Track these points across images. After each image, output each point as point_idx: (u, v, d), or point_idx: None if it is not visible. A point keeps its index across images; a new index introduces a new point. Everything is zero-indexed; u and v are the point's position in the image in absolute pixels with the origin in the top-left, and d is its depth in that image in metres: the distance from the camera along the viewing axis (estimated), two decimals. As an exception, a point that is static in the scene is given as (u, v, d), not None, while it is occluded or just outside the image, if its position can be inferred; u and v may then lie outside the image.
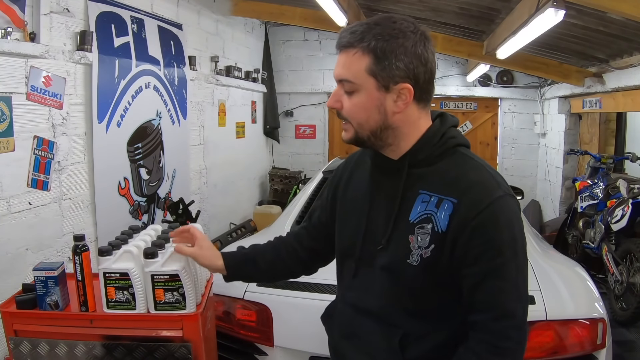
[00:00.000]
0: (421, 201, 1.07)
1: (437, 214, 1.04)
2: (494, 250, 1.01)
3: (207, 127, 4.58)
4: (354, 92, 1.06)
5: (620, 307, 3.54)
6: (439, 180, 1.07)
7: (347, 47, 1.05)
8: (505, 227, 1.02)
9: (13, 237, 2.42)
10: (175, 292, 1.54)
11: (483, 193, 1.03)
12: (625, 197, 3.68)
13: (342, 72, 1.06)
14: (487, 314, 1.00)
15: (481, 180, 1.05)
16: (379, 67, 1.03)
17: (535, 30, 2.94)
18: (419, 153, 1.10)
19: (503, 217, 1.02)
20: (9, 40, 2.30)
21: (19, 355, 1.56)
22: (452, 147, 1.10)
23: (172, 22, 3.87)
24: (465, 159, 1.09)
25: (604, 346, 1.87)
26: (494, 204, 1.02)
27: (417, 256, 1.05)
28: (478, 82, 6.25)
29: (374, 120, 1.07)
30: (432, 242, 1.04)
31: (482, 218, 1.01)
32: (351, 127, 1.10)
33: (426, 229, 1.05)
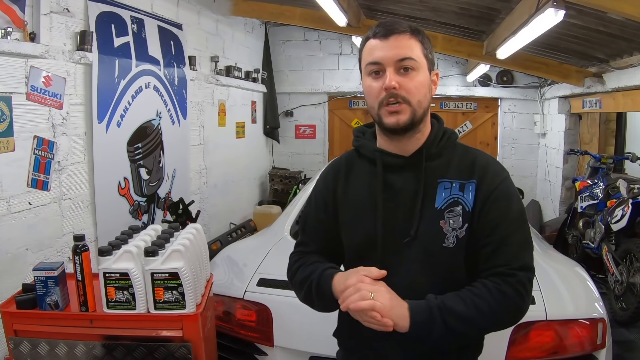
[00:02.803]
0: (443, 188, 1.17)
1: (464, 195, 1.16)
2: (510, 219, 1.15)
3: (207, 127, 4.58)
4: (414, 71, 1.15)
5: (620, 307, 3.53)
6: (455, 169, 1.19)
7: (401, 32, 1.15)
8: (516, 199, 1.19)
9: (13, 237, 2.42)
10: (174, 290, 1.55)
11: (496, 173, 1.19)
12: (625, 197, 3.68)
13: (406, 52, 1.14)
14: (511, 265, 1.11)
15: (492, 163, 1.22)
16: (427, 51, 1.18)
17: (535, 30, 2.94)
18: (431, 147, 1.21)
19: (513, 191, 1.20)
20: (9, 40, 2.30)
21: (19, 355, 1.56)
22: (454, 141, 1.25)
23: (172, 22, 3.87)
24: (467, 149, 1.25)
25: (604, 346, 1.87)
26: (505, 181, 1.19)
27: (453, 238, 1.15)
28: (478, 82, 6.25)
29: (427, 100, 1.18)
30: (465, 222, 1.15)
31: (498, 193, 1.16)
32: (408, 107, 1.15)
33: (456, 212, 1.15)
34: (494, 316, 1.10)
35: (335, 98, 6.57)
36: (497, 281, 1.10)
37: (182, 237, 1.70)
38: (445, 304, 1.08)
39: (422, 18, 4.17)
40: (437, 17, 4.12)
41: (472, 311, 1.08)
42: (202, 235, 1.82)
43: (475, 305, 1.08)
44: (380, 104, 1.15)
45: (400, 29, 1.15)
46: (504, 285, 1.10)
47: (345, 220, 1.27)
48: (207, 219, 4.62)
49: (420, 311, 1.08)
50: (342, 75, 6.44)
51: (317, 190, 1.35)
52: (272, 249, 2.37)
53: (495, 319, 1.11)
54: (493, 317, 1.10)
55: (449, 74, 6.30)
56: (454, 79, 6.32)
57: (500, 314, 1.11)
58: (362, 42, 1.22)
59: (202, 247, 1.80)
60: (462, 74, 6.27)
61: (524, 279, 1.11)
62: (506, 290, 1.09)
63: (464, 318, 1.08)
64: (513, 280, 1.10)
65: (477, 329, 1.13)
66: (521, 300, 1.11)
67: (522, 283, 1.11)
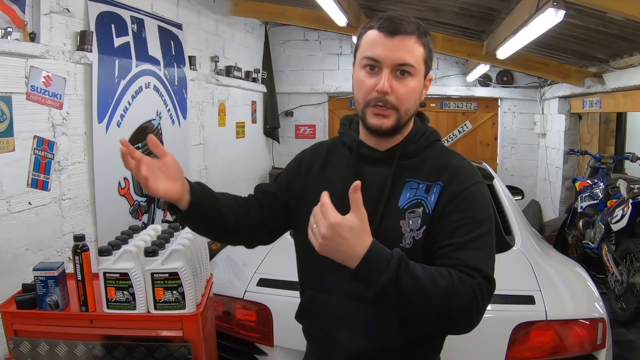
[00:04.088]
0: (409, 188, 1.15)
1: (427, 198, 1.13)
2: (474, 224, 1.09)
3: (207, 127, 4.58)
4: (410, 76, 1.11)
5: (620, 307, 3.54)
6: (426, 169, 1.16)
7: (409, 33, 1.10)
8: (483, 206, 1.13)
9: (13, 237, 2.42)
10: (174, 290, 1.54)
11: (467, 176, 1.15)
12: (625, 197, 3.68)
13: (407, 57, 1.10)
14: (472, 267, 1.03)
15: (464, 165, 1.18)
16: (428, 58, 1.14)
17: (535, 31, 2.94)
18: (408, 146, 1.18)
19: (482, 198, 1.14)
20: (9, 40, 2.30)
21: (19, 355, 1.56)
22: (433, 142, 1.21)
23: (172, 22, 3.87)
24: (445, 150, 1.22)
25: (604, 346, 1.87)
26: (474, 186, 1.14)
27: (410, 239, 1.12)
28: (478, 82, 6.25)
29: (415, 106, 1.16)
30: (423, 224, 1.12)
31: (464, 196, 1.12)
32: (395, 113, 1.11)
33: (417, 213, 1.12)
34: (446, 297, 0.98)
35: (335, 98, 6.57)
36: (458, 274, 1.01)
37: (182, 237, 1.70)
38: (407, 261, 0.99)
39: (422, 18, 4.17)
40: (437, 17, 4.12)
41: (428, 280, 0.98)
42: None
43: (432, 277, 0.99)
44: (368, 103, 1.12)
45: (408, 29, 1.10)
46: (464, 278, 1.00)
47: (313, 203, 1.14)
48: (207, 219, 4.62)
49: (381, 251, 0.98)
50: (342, 75, 6.43)
51: (291, 164, 1.36)
52: (272, 249, 2.36)
53: (446, 301, 0.98)
54: (445, 298, 0.98)
55: (449, 74, 6.30)
56: (454, 79, 6.32)
57: (453, 300, 0.98)
58: (364, 29, 1.16)
59: (202, 247, 1.80)
60: (462, 74, 6.27)
61: (483, 284, 1.01)
62: (466, 281, 1.00)
63: (419, 282, 0.97)
64: (473, 282, 1.00)
65: (426, 301, 0.98)
66: (475, 303, 0.99)
67: (480, 287, 1.00)
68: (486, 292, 1.02)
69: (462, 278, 1.01)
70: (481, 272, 1.02)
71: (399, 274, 0.97)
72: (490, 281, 1.04)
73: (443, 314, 1.00)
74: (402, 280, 0.97)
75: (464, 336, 1.14)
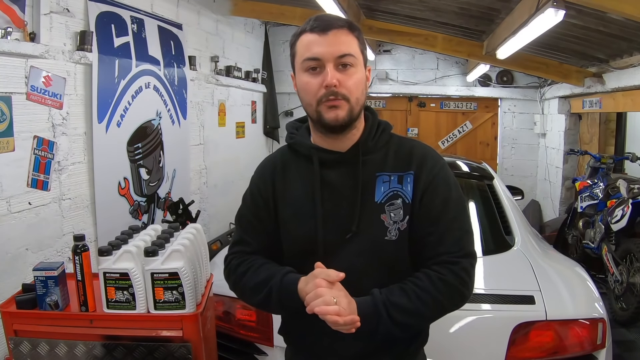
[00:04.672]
0: (382, 182, 1.17)
1: (403, 188, 1.16)
2: (450, 205, 1.16)
3: (207, 127, 4.58)
4: (352, 67, 1.14)
5: (620, 307, 3.54)
6: (392, 161, 1.19)
7: (340, 27, 1.14)
8: (455, 186, 1.19)
9: (13, 237, 2.42)
10: (174, 290, 1.54)
11: (433, 161, 1.19)
12: (625, 197, 3.68)
13: (345, 48, 1.13)
14: (454, 253, 1.13)
15: (428, 152, 1.22)
16: (362, 47, 1.17)
17: (535, 31, 2.94)
18: (368, 141, 1.20)
19: (451, 178, 1.20)
20: (9, 40, 2.30)
21: (19, 355, 1.56)
22: (390, 134, 1.24)
23: (172, 22, 3.87)
24: (402, 140, 1.25)
25: (604, 346, 1.88)
26: (442, 169, 1.19)
27: (395, 230, 1.15)
28: (478, 82, 6.25)
29: (364, 96, 1.17)
30: (405, 214, 1.15)
31: (437, 182, 1.16)
32: (346, 104, 1.13)
33: (397, 205, 1.15)
34: (437, 306, 1.12)
35: (335, 98, 6.56)
36: (440, 270, 1.12)
37: (182, 237, 1.70)
38: (389, 299, 1.09)
39: (422, 18, 4.17)
40: (437, 17, 4.12)
41: (415, 304, 1.09)
42: (202, 235, 1.82)
43: (418, 297, 1.09)
44: (319, 101, 1.12)
45: (338, 23, 1.14)
46: (447, 274, 1.11)
47: (284, 220, 1.22)
48: (207, 219, 4.62)
49: (367, 307, 1.09)
50: (342, 75, 6.42)
51: (255, 187, 1.30)
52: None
53: (439, 308, 1.14)
54: (436, 307, 1.13)
55: (449, 74, 6.30)
56: (454, 79, 6.32)
57: (444, 303, 1.13)
58: (295, 36, 1.20)
59: (202, 247, 1.80)
60: (462, 74, 6.27)
61: (467, 265, 1.13)
62: (449, 279, 1.11)
63: (409, 311, 1.09)
64: (456, 268, 1.12)
65: (422, 319, 1.16)
66: (464, 286, 1.13)
67: (465, 270, 1.13)
68: (471, 268, 1.14)
69: (445, 277, 1.11)
70: (463, 251, 1.14)
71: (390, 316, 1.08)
72: (472, 256, 1.15)
73: (442, 314, 1.16)
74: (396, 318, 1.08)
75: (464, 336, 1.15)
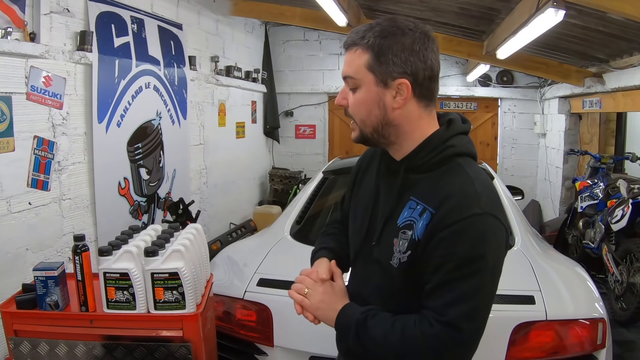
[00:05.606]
0: (409, 207, 1.10)
1: (418, 222, 1.07)
2: (454, 263, 1.01)
3: (207, 127, 4.58)
4: (357, 88, 1.11)
5: (620, 307, 3.53)
6: (427, 190, 1.08)
7: (351, 46, 1.10)
8: (472, 244, 1.01)
9: (13, 237, 2.42)
10: (174, 290, 1.54)
11: (458, 208, 1.02)
12: (625, 197, 3.68)
13: (346, 69, 1.12)
14: (436, 316, 1.02)
15: (462, 195, 1.04)
16: (377, 62, 1.07)
17: (535, 31, 2.94)
18: (416, 159, 1.11)
19: (472, 234, 1.01)
20: (9, 40, 2.30)
21: (19, 355, 1.56)
22: (451, 157, 1.10)
23: (172, 22, 3.87)
24: (458, 171, 1.08)
25: (604, 346, 1.87)
26: (466, 220, 1.01)
27: (397, 259, 1.10)
28: (478, 82, 6.25)
29: (375, 116, 1.10)
30: (408, 249, 1.07)
31: (450, 231, 1.01)
32: (355, 125, 1.14)
33: (407, 235, 1.08)
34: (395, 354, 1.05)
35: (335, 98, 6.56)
36: (417, 324, 1.03)
37: (182, 237, 1.69)
38: (366, 322, 1.09)
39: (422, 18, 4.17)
40: (437, 17, 4.12)
41: (381, 340, 1.06)
42: (202, 235, 1.82)
43: (386, 336, 1.06)
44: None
45: (352, 41, 1.10)
46: (419, 331, 1.02)
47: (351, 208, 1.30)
48: (207, 219, 4.62)
49: (344, 319, 1.12)
50: (342, 75, 6.43)
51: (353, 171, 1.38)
52: (272, 249, 2.37)
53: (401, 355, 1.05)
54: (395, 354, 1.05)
55: (449, 74, 6.30)
56: (454, 79, 6.32)
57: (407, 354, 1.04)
58: None
59: (202, 247, 1.80)
60: (462, 74, 6.27)
61: (443, 336, 1.00)
62: (419, 336, 1.02)
63: (375, 341, 1.07)
64: (430, 332, 1.01)
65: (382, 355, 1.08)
66: (433, 353, 1.02)
67: (438, 338, 1.00)
68: (448, 340, 1.00)
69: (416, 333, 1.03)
70: (445, 318, 1.00)
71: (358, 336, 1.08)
72: (455, 328, 0.99)
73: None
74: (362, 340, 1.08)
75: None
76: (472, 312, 1.01)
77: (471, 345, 1.04)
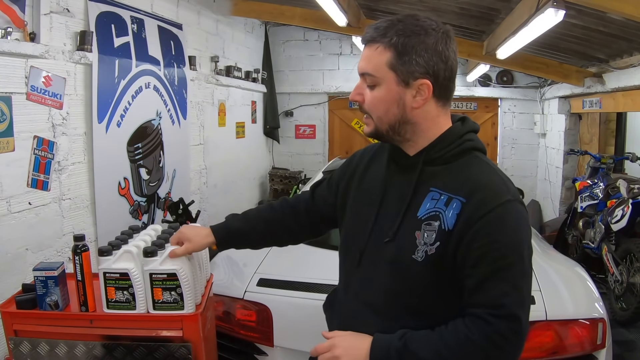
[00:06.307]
0: (431, 198, 1.08)
1: (446, 212, 1.05)
2: (499, 251, 1.01)
3: (207, 127, 4.58)
4: (375, 86, 1.09)
5: (620, 307, 3.54)
6: (450, 180, 1.08)
7: (371, 42, 1.09)
8: (512, 230, 1.03)
9: (13, 237, 2.42)
10: (173, 291, 1.54)
11: (492, 195, 1.04)
12: (625, 197, 3.68)
13: (364, 66, 1.10)
14: (491, 310, 1.00)
15: (492, 183, 1.06)
16: (400, 61, 1.06)
17: (535, 31, 2.94)
18: (434, 151, 1.11)
19: (510, 220, 1.03)
20: (9, 40, 2.30)
21: (19, 355, 1.56)
22: (468, 150, 1.12)
23: (172, 22, 3.87)
24: (479, 162, 1.11)
25: (604, 346, 1.88)
26: (502, 207, 1.03)
27: (422, 252, 1.06)
28: (478, 82, 6.25)
29: (393, 114, 1.10)
30: (437, 240, 1.05)
31: (489, 219, 1.02)
32: (372, 120, 1.13)
33: (433, 226, 1.06)
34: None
35: (335, 98, 6.57)
36: (471, 327, 1.00)
37: (182, 237, 1.69)
38: (407, 347, 1.02)
39: (422, 18, 4.16)
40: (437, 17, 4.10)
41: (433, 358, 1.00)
42: (202, 235, 1.82)
43: (438, 352, 1.00)
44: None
45: (372, 37, 1.08)
46: (477, 334, 0.99)
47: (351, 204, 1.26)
48: (207, 219, 4.62)
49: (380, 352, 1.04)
50: (342, 75, 6.43)
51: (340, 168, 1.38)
52: (272, 249, 2.36)
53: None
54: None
55: (449, 74, 6.29)
56: (454, 79, 6.31)
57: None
58: None
59: (202, 247, 1.80)
60: (462, 74, 6.26)
61: (504, 329, 0.98)
62: (478, 339, 0.99)
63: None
64: (489, 330, 0.98)
65: None
66: (497, 350, 0.99)
67: (500, 334, 0.98)
68: (510, 333, 0.99)
69: (474, 337, 0.99)
70: (501, 311, 0.98)
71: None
72: (514, 320, 0.99)
73: None
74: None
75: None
76: (524, 300, 1.02)
77: (526, 331, 1.02)
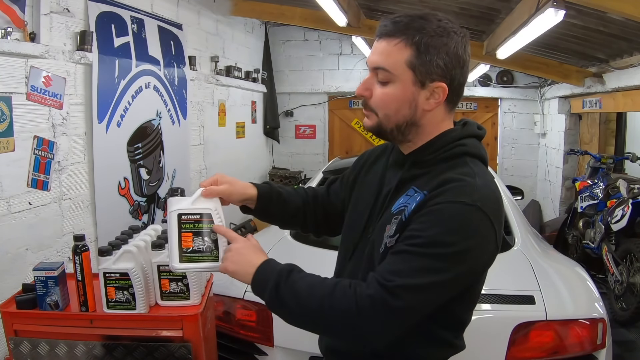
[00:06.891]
0: (405, 194, 1.07)
1: (409, 205, 1.04)
2: (421, 239, 0.96)
3: (207, 127, 4.58)
4: (389, 83, 1.04)
5: (620, 307, 3.54)
6: (429, 179, 1.05)
7: (389, 36, 1.03)
8: (448, 230, 0.96)
9: (13, 237, 2.42)
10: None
11: (452, 193, 0.98)
12: (625, 197, 3.68)
13: (380, 60, 1.04)
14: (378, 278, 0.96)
15: (458, 182, 1.00)
16: (419, 61, 1.01)
17: (535, 31, 2.94)
18: (423, 153, 1.09)
19: (452, 220, 0.96)
20: (9, 40, 2.30)
21: (19, 355, 1.56)
22: (459, 155, 1.07)
23: (172, 22, 3.87)
24: (464, 164, 1.05)
25: (604, 346, 1.88)
26: (453, 205, 0.97)
27: (384, 245, 1.05)
28: (478, 82, 6.25)
29: (403, 115, 1.06)
30: (397, 232, 1.03)
31: (433, 210, 0.98)
32: (375, 116, 1.08)
33: (397, 220, 1.04)
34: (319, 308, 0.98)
35: (335, 98, 6.57)
36: (354, 282, 0.99)
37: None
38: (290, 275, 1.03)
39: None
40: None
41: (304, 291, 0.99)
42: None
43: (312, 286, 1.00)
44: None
45: (391, 31, 1.02)
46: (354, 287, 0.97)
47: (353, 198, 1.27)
48: (207, 219, 4.61)
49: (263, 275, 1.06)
50: (342, 75, 6.44)
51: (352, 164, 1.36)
52: (272, 249, 2.37)
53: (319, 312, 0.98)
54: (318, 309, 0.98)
55: (449, 74, 6.29)
56: (454, 79, 6.31)
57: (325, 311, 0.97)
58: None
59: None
60: (462, 74, 6.26)
61: (377, 298, 0.93)
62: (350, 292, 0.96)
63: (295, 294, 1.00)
64: (365, 291, 0.95)
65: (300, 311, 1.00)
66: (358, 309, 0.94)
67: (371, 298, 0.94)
68: (381, 305, 0.93)
69: (346, 290, 0.96)
70: (388, 282, 0.94)
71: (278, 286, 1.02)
72: (394, 296, 0.93)
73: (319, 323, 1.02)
74: (281, 292, 1.01)
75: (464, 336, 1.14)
76: (417, 290, 0.94)
77: (400, 319, 0.96)
